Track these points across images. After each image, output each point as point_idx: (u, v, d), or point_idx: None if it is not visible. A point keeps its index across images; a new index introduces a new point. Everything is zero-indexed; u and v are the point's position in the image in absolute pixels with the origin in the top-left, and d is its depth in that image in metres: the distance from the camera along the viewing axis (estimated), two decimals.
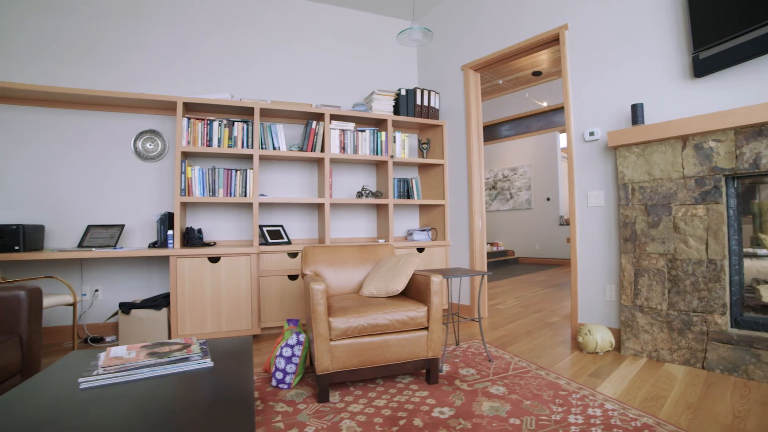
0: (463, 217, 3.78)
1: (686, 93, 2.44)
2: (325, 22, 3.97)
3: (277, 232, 3.44)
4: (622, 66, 2.71)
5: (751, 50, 2.11)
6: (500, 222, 9.01)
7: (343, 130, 3.56)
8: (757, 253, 2.37)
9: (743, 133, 2.17)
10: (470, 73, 3.74)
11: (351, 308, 2.01)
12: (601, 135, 2.80)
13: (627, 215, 2.59)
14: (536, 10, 3.20)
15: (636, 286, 2.56)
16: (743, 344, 2.18)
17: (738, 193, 2.31)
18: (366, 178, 3.98)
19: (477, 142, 3.71)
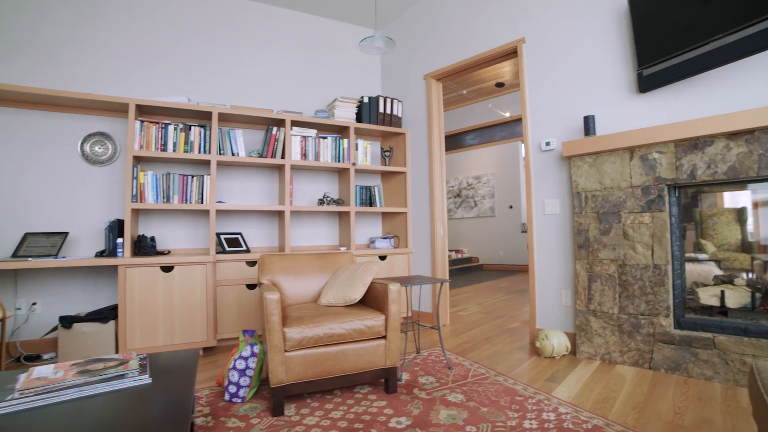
0: (425, 225, 3.80)
1: (633, 107, 2.57)
2: (287, 27, 3.93)
3: (236, 240, 3.33)
4: (576, 79, 2.82)
5: (687, 69, 2.25)
6: (465, 229, 9.16)
7: (304, 136, 3.52)
8: (698, 257, 2.52)
9: (681, 146, 2.30)
10: (432, 82, 3.79)
11: (307, 318, 1.96)
12: (557, 145, 2.90)
13: (581, 223, 2.69)
14: (495, 23, 3.30)
15: (590, 291, 2.65)
16: (684, 344, 2.29)
17: (679, 202, 2.44)
18: (328, 186, 3.94)
19: (439, 151, 3.76)
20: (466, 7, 3.53)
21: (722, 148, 2.18)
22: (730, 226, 2.42)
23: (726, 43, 2.10)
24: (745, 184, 2.34)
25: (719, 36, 2.11)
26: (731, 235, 2.42)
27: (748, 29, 2.02)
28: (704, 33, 2.16)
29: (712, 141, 2.21)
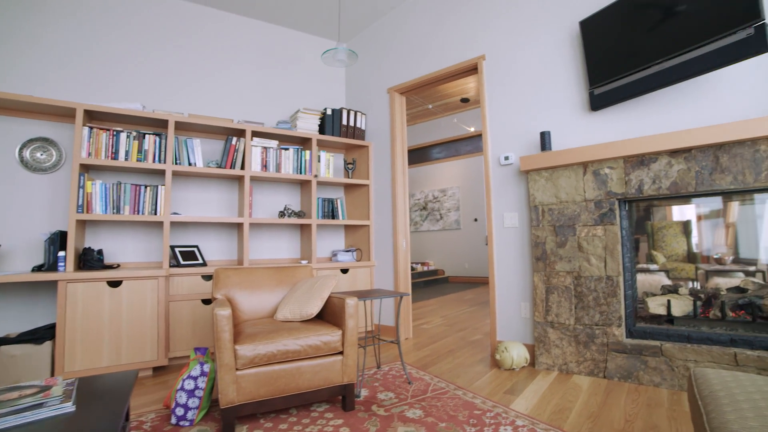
0: (387, 238, 3.79)
1: (586, 124, 2.67)
2: (251, 37, 3.87)
3: (192, 253, 3.19)
4: (533, 96, 2.91)
5: (633, 90, 2.37)
6: (431, 242, 9.23)
7: (265, 147, 3.44)
8: (649, 268, 2.62)
9: (630, 162, 2.40)
10: (396, 95, 3.83)
11: (261, 334, 1.88)
12: (515, 160, 2.97)
13: (538, 236, 2.75)
14: (457, 40, 3.37)
15: (547, 302, 2.70)
16: (635, 352, 2.36)
17: (629, 215, 2.55)
18: (289, 198, 3.87)
19: (402, 164, 3.77)
20: (429, 24, 3.60)
21: (665, 165, 2.30)
22: (677, 238, 2.54)
23: (665, 68, 2.23)
24: (686, 199, 2.47)
25: (659, 61, 2.24)
26: (678, 247, 2.53)
27: (684, 55, 2.15)
28: (647, 57, 2.29)
29: (656, 158, 2.33)
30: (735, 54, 1.97)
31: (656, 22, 2.27)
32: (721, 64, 2.03)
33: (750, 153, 2.07)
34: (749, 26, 1.92)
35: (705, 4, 2.07)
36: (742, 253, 2.34)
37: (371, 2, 3.79)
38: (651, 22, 2.29)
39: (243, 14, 3.82)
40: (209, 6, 3.65)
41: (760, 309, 2.22)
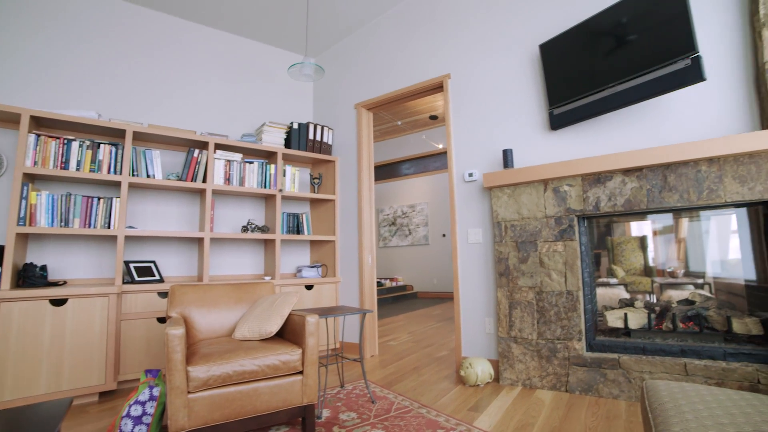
0: (353, 254, 3.75)
1: (546, 142, 2.76)
2: (217, 48, 3.81)
3: (148, 269, 3.04)
4: (497, 114, 2.99)
5: (588, 111, 2.48)
6: (400, 257, 9.23)
7: (229, 160, 3.36)
8: (609, 282, 2.70)
9: (587, 180, 2.49)
10: (363, 111, 3.85)
11: (216, 354, 1.79)
12: (479, 176, 3.03)
13: (501, 251, 2.79)
14: (424, 58, 3.44)
15: (510, 318, 2.73)
16: (595, 366, 2.41)
17: (588, 231, 2.63)
18: (253, 212, 3.77)
19: (368, 179, 3.77)
20: (396, 42, 3.66)
21: (619, 183, 2.39)
22: (635, 253, 2.63)
23: (618, 91, 2.34)
24: (640, 215, 2.58)
25: (612, 84, 2.36)
26: (636, 261, 2.63)
27: (634, 80, 2.27)
28: (601, 81, 2.41)
29: (611, 176, 2.43)
30: (676, 81, 2.10)
31: (609, 48, 2.39)
32: (665, 89, 2.15)
33: (693, 173, 2.19)
34: (687, 57, 2.06)
35: (651, 34, 2.20)
36: (692, 267, 2.46)
37: (340, 20, 3.82)
38: (604, 48, 2.41)
39: (210, 25, 3.76)
40: (174, 15, 3.57)
41: (706, 320, 2.33)
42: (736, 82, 2.19)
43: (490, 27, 3.08)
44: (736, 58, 2.20)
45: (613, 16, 2.38)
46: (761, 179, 2.02)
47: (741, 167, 2.08)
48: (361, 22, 3.90)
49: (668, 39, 2.14)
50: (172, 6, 3.47)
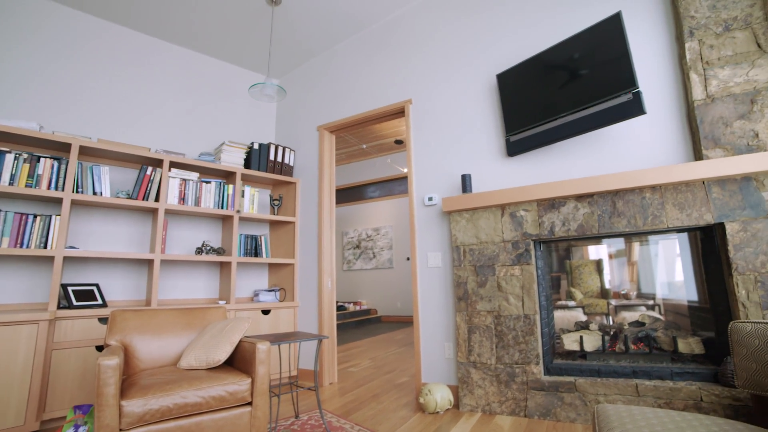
0: (313, 277, 3.67)
1: (503, 168, 2.84)
2: (177, 64, 3.72)
3: (89, 293, 2.83)
4: (456, 140, 3.06)
5: (542, 139, 2.58)
6: (364, 281, 9.13)
7: (184, 179, 3.24)
8: (568, 304, 2.76)
9: (543, 205, 2.57)
10: (326, 134, 3.84)
11: (156, 386, 1.66)
12: (438, 201, 3.06)
13: (460, 275, 2.80)
14: (386, 83, 3.50)
15: (470, 342, 2.72)
16: (552, 389, 2.42)
17: (544, 255, 2.69)
18: (210, 234, 3.63)
19: (329, 202, 3.74)
20: (359, 67, 3.72)
21: (572, 209, 2.48)
22: (592, 276, 2.71)
23: (569, 120, 2.46)
24: (593, 239, 2.68)
25: (564, 114, 2.47)
26: (593, 284, 2.70)
27: (584, 111, 2.39)
28: (554, 111, 2.52)
29: (565, 202, 2.51)
30: (621, 113, 2.23)
31: (560, 80, 2.52)
32: (611, 121, 2.27)
33: (639, 200, 2.30)
34: (629, 92, 2.20)
35: (598, 69, 2.34)
36: (643, 289, 2.55)
37: (304, 43, 3.85)
38: (556, 80, 2.54)
39: (170, 40, 3.68)
40: (133, 29, 3.48)
41: (654, 341, 2.41)
42: (674, 116, 2.35)
43: (450, 56, 3.18)
44: (672, 96, 2.37)
45: (563, 51, 2.52)
46: (696, 206, 2.15)
47: (680, 195, 2.21)
48: (325, 46, 3.94)
49: (612, 75, 2.27)
50: (131, 19, 3.39)
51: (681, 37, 2.33)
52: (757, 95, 2.09)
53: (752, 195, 2.03)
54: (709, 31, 2.24)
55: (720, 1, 2.24)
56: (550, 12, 2.80)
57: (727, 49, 2.19)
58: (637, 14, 2.51)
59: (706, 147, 2.18)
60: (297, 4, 3.37)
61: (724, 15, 2.22)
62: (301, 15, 3.50)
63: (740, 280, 2.02)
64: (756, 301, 1.97)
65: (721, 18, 2.23)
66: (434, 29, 3.31)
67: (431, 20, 3.35)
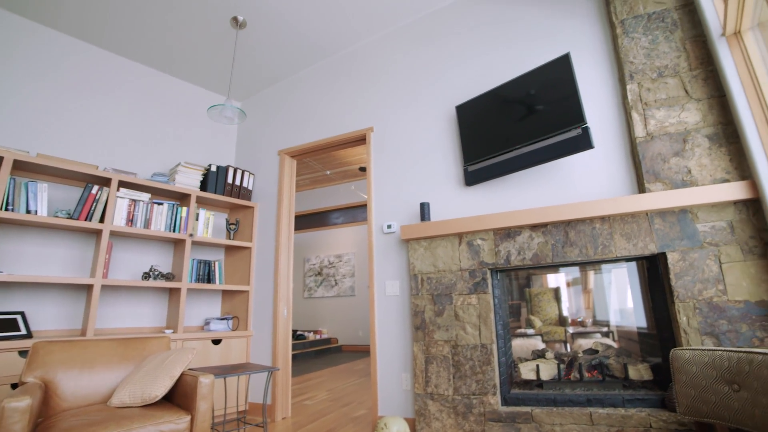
0: (268, 305, 3.53)
1: (462, 197, 2.89)
2: (133, 80, 3.59)
3: (11, 323, 2.57)
4: (416, 168, 3.10)
5: (499, 170, 2.66)
6: (325, 309, 8.92)
7: (134, 200, 3.08)
8: (527, 332, 2.77)
9: (499, 234, 2.61)
10: (286, 158, 3.80)
11: (77, 428, 1.49)
12: (397, 228, 3.06)
13: (417, 304, 2.77)
14: (348, 110, 3.54)
15: (427, 373, 2.66)
16: (510, 420, 2.39)
17: (501, 284, 2.71)
18: (159, 258, 3.44)
19: (287, 227, 3.65)
20: (323, 94, 3.74)
21: (527, 238, 2.54)
22: (550, 304, 2.75)
23: (524, 152, 2.55)
24: (547, 268, 2.74)
25: (519, 146, 2.56)
26: (552, 311, 2.74)
27: (538, 144, 2.49)
28: (509, 143, 2.61)
29: (520, 231, 2.56)
30: (571, 147, 2.34)
31: (515, 114, 2.62)
32: (563, 153, 2.38)
33: (589, 230, 2.39)
34: (578, 127, 2.32)
35: (550, 104, 2.46)
36: (598, 316, 2.62)
37: (269, 67, 3.85)
38: (512, 113, 2.64)
39: (128, 56, 3.57)
40: (86, 41, 3.35)
41: (607, 368, 2.45)
42: (620, 151, 2.49)
43: (411, 87, 3.27)
44: (618, 132, 2.51)
45: (518, 87, 2.64)
46: (641, 237, 2.25)
47: (626, 226, 2.31)
48: (288, 71, 3.95)
49: (563, 110, 2.40)
50: (87, 33, 3.27)
51: (623, 79, 2.50)
52: (687, 135, 2.26)
53: (689, 226, 2.16)
54: (646, 76, 2.42)
55: (653, 51, 2.44)
56: (507, 49, 2.95)
57: (662, 93, 2.36)
58: (586, 56, 2.69)
59: (648, 181, 2.30)
60: (261, 30, 3.38)
61: (657, 63, 2.41)
62: (266, 40, 3.51)
63: (681, 307, 2.10)
64: (695, 327, 2.06)
65: (655, 65, 2.41)
66: (396, 61, 3.41)
67: (393, 52, 3.44)
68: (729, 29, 2.13)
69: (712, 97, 2.25)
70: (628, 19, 2.53)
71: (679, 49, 2.38)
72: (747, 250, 2.03)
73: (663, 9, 2.47)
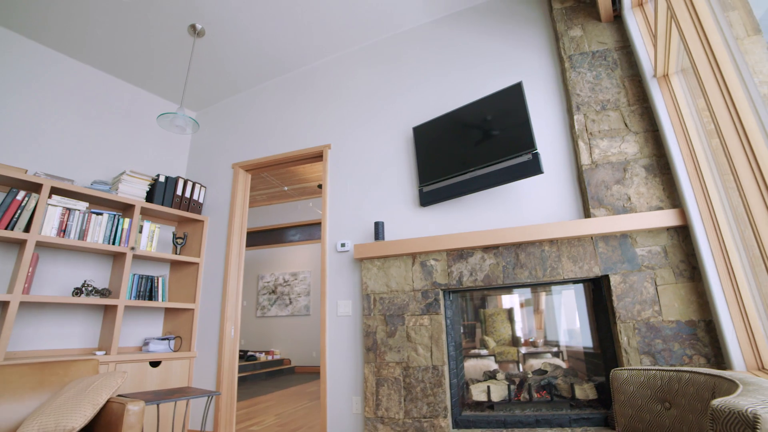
0: (214, 324, 3.35)
1: (416, 217, 2.90)
2: (77, 81, 3.37)
3: None
4: (372, 187, 3.09)
5: (452, 191, 2.70)
6: (279, 328, 8.61)
7: (69, 208, 2.85)
8: (480, 353, 2.77)
9: (452, 255, 2.63)
10: (241, 172, 3.69)
11: None
12: (351, 247, 3.02)
13: (369, 325, 2.72)
14: (307, 126, 3.50)
15: (377, 396, 2.60)
16: None
17: (454, 305, 2.72)
18: (95, 272, 3.19)
19: (238, 243, 3.52)
20: (282, 109, 3.69)
21: (479, 259, 2.57)
22: (504, 324, 2.78)
23: (477, 175, 2.61)
24: (500, 289, 2.78)
25: (473, 169, 2.62)
26: (505, 332, 2.77)
27: (490, 167, 2.56)
28: (463, 165, 2.67)
29: (472, 252, 2.60)
30: (522, 171, 2.42)
31: (471, 137, 2.69)
32: (514, 178, 2.45)
33: (539, 252, 2.46)
34: (529, 152, 2.41)
35: (503, 130, 2.55)
36: (549, 336, 2.67)
37: (226, 79, 3.76)
38: (467, 137, 2.71)
39: (72, 55, 3.36)
40: (25, 36, 3.13)
41: (555, 388, 2.49)
42: (568, 177, 2.60)
43: (369, 107, 3.29)
44: (566, 159, 2.63)
45: (473, 111, 2.71)
46: (587, 259, 2.34)
47: (573, 249, 2.39)
48: (247, 84, 3.88)
49: (515, 136, 2.48)
50: (25, 27, 3.06)
51: (571, 110, 2.64)
52: (627, 165, 2.40)
53: (629, 250, 2.27)
54: (591, 108, 2.57)
55: (597, 85, 2.60)
56: (465, 74, 3.04)
57: (605, 125, 2.51)
58: (540, 86, 2.82)
59: (593, 206, 2.42)
60: (221, 40, 3.31)
61: (600, 96, 2.57)
62: (225, 51, 3.43)
63: (622, 328, 2.19)
64: (635, 346, 2.14)
65: (599, 99, 2.57)
66: (356, 80, 3.43)
67: (354, 71, 3.47)
68: (659, 72, 2.31)
69: (647, 131, 2.41)
70: (575, 55, 2.70)
71: (619, 86, 2.55)
72: (678, 273, 2.15)
73: (605, 48, 2.65)
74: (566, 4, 2.82)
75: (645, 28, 2.48)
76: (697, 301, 2.09)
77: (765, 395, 0.94)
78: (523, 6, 3.00)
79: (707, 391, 1.20)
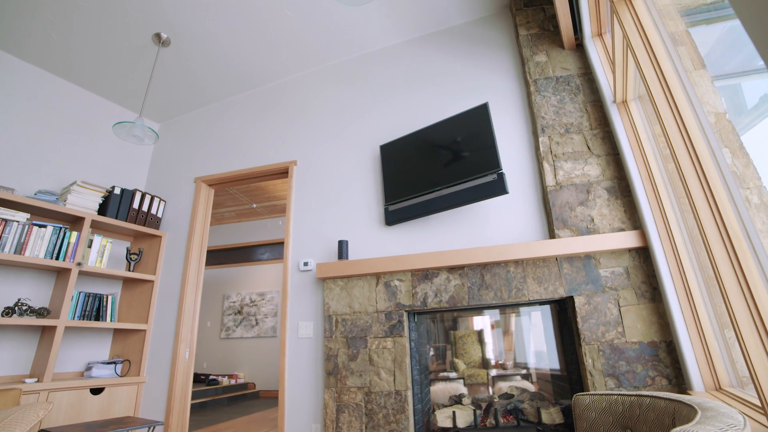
0: (167, 346, 3.14)
1: (381, 236, 2.83)
2: (25, 83, 3.18)
3: None
4: (337, 205, 3.02)
5: (418, 211, 2.66)
6: (244, 351, 8.25)
7: (5, 219, 2.64)
8: (449, 376, 2.68)
9: (417, 276, 2.57)
10: (203, 186, 3.55)
11: None
12: (314, 266, 2.91)
13: (331, 348, 2.60)
14: (272, 142, 3.42)
15: (338, 423, 2.46)
16: None
17: (418, 327, 2.64)
18: (34, 290, 2.94)
19: (197, 261, 3.35)
20: (247, 123, 3.61)
21: (444, 280, 2.52)
22: (474, 346, 2.71)
23: (443, 194, 2.59)
24: (465, 311, 2.72)
25: (438, 188, 2.60)
26: (475, 354, 2.69)
27: (456, 186, 2.54)
28: (429, 184, 2.64)
29: (438, 273, 2.54)
30: (487, 191, 2.41)
31: (437, 157, 2.68)
32: (480, 197, 2.44)
33: (504, 273, 2.43)
34: (494, 173, 2.40)
35: (469, 150, 2.54)
36: (518, 358, 2.61)
37: (191, 91, 3.65)
38: (433, 156, 2.69)
39: (19, 56, 3.18)
40: None
41: (522, 413, 2.42)
42: (533, 198, 2.61)
43: (337, 122, 3.25)
44: (532, 180, 2.65)
45: (440, 131, 2.71)
46: (552, 280, 2.33)
47: (538, 270, 2.38)
48: (214, 97, 3.78)
49: (481, 156, 2.48)
50: None
51: (536, 132, 2.67)
52: (590, 186, 2.43)
53: (593, 271, 2.27)
54: (556, 131, 2.61)
55: (561, 109, 2.65)
56: (432, 94, 3.05)
57: (568, 147, 2.55)
58: (507, 107, 2.85)
59: (558, 227, 2.42)
60: (187, 51, 3.22)
61: (564, 120, 2.62)
62: (191, 62, 3.34)
63: (587, 350, 2.16)
64: (599, 369, 2.11)
65: (563, 122, 2.62)
66: (324, 97, 3.40)
67: (322, 88, 3.44)
68: (618, 98, 2.37)
69: (609, 155, 2.46)
70: (540, 79, 2.75)
71: (582, 110, 2.60)
72: (640, 294, 2.16)
73: (568, 74, 2.72)
74: (531, 31, 2.89)
75: (604, 56, 2.56)
76: (658, 321, 2.09)
77: (722, 422, 0.90)
78: (491, 31, 3.07)
79: (667, 417, 1.16)
